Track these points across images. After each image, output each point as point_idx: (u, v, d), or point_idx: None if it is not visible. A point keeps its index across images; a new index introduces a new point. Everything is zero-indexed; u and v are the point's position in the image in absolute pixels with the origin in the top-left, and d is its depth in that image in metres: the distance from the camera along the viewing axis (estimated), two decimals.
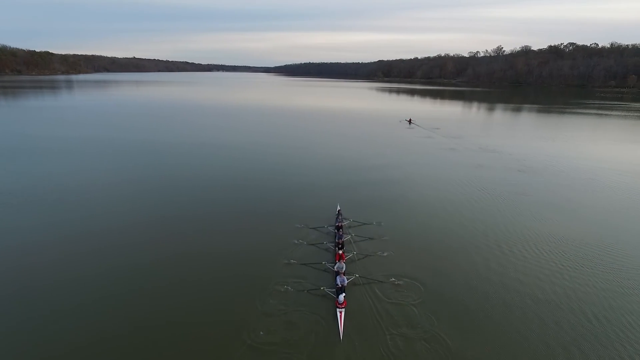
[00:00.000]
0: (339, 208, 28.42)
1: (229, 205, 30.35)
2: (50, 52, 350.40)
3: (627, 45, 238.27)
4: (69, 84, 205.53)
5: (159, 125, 70.96)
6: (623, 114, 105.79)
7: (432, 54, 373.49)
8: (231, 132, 64.12)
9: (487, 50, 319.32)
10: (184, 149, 50.26)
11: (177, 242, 23.85)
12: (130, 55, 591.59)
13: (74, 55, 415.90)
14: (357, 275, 20.45)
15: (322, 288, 19.25)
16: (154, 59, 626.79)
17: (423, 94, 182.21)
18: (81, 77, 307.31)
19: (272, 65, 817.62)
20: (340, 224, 25.35)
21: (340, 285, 18.90)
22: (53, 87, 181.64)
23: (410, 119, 79.89)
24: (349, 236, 25.04)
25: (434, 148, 54.89)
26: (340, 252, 21.82)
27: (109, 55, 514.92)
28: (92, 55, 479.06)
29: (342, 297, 17.73)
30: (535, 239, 25.34)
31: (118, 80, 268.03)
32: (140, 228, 25.85)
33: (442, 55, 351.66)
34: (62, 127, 65.28)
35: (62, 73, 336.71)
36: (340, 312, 17.18)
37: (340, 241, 22.98)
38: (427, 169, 43.44)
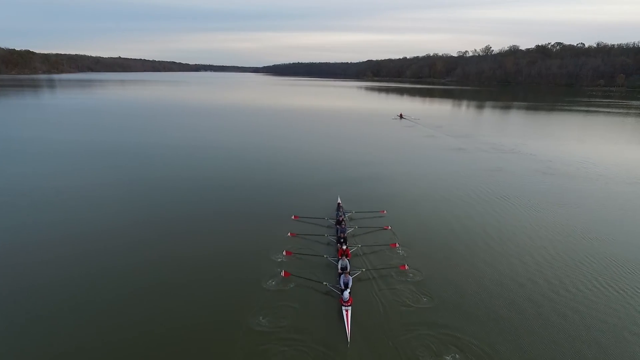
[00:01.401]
0: (339, 201, 26.26)
1: (223, 202, 27.84)
2: (31, 51, 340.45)
3: (612, 45, 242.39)
4: (51, 83, 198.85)
5: (147, 124, 67.24)
6: (624, 111, 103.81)
7: (421, 54, 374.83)
8: (222, 131, 60.88)
9: (475, 50, 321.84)
10: (175, 148, 46.81)
11: (169, 240, 21.43)
12: (115, 55, 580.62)
13: (57, 55, 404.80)
14: (363, 270, 18.27)
15: (324, 283, 17.03)
16: (140, 59, 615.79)
17: (415, 92, 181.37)
18: (63, 76, 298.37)
19: (261, 65, 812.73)
20: (341, 218, 23.10)
21: (344, 286, 16.70)
22: (34, 85, 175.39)
23: (401, 114, 80.00)
24: (352, 229, 22.93)
25: (440, 147, 51.92)
26: (344, 247, 19.60)
27: (94, 55, 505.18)
28: (76, 54, 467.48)
29: (347, 293, 15.53)
30: (586, 262, 19.86)
31: (102, 79, 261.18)
32: (131, 227, 23.21)
33: (431, 55, 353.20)
34: (42, 126, 60.81)
35: (44, 72, 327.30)
36: (347, 311, 14.98)
37: (343, 235, 20.80)
38: (436, 168, 40.45)
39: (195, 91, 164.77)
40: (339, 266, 18.25)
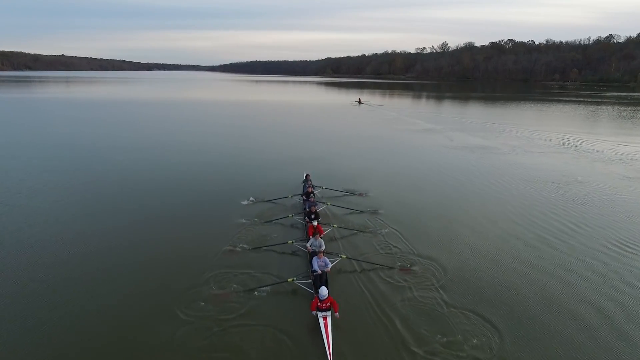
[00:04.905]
0: (306, 173, 21.11)
1: (163, 193, 21.44)
2: None
3: (560, 42, 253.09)
4: None
5: (94, 120, 57.09)
6: (597, 100, 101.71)
7: (379, 52, 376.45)
8: (181, 123, 50.68)
9: (433, 47, 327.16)
10: (128, 138, 39.57)
11: (101, 236, 15.32)
12: (58, 53, 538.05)
13: None
14: (343, 256, 13.25)
15: (290, 280, 11.78)
16: (87, 57, 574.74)
17: (375, 86, 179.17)
18: None
19: (217, 64, 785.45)
20: (310, 190, 17.92)
21: (319, 272, 11.61)
22: None
23: (359, 100, 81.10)
24: (324, 205, 17.88)
25: (400, 126, 49.95)
26: (315, 223, 14.38)
27: (32, 53, 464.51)
28: (11, 52, 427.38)
29: (324, 291, 10.40)
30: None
31: (41, 77, 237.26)
32: (74, 220, 16.98)
33: (390, 52, 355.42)
34: None
35: None
36: (325, 318, 9.95)
37: (314, 209, 15.62)
38: (404, 144, 38.02)
39: (150, 89, 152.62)
40: (310, 247, 13.16)
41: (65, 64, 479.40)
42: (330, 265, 12.01)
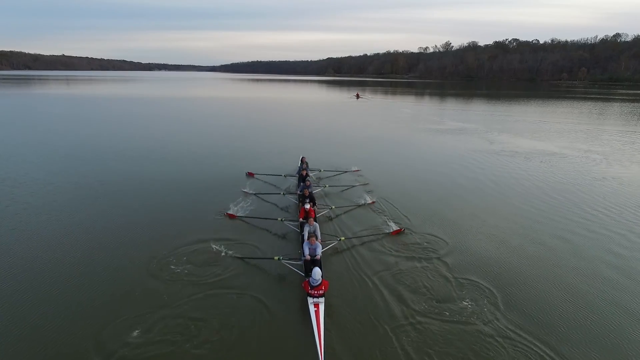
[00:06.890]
0: (302, 156, 19.69)
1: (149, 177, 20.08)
2: None
3: (565, 40, 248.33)
4: None
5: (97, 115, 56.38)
6: (628, 98, 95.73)
7: (382, 52, 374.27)
8: (178, 117, 46.70)
9: (436, 46, 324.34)
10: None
11: (88, 213, 14.30)
12: (59, 53, 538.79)
13: None
14: (342, 239, 11.70)
15: (276, 258, 10.29)
16: (87, 57, 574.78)
17: (378, 84, 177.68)
18: None
19: (219, 64, 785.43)
20: (305, 172, 16.51)
21: (310, 258, 9.95)
22: None
23: (357, 94, 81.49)
24: (321, 188, 17.00)
25: (400, 117, 48.06)
26: (308, 206, 12.66)
27: (32, 53, 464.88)
28: (10, 51, 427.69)
29: (318, 274, 8.73)
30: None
31: (35, 76, 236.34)
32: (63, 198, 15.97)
33: (392, 51, 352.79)
34: None
35: None
36: (317, 306, 8.30)
37: (307, 192, 13.90)
38: (403, 133, 36.49)
39: (151, 88, 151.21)
40: (302, 232, 11.48)
41: (65, 63, 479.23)
42: (320, 252, 10.17)
